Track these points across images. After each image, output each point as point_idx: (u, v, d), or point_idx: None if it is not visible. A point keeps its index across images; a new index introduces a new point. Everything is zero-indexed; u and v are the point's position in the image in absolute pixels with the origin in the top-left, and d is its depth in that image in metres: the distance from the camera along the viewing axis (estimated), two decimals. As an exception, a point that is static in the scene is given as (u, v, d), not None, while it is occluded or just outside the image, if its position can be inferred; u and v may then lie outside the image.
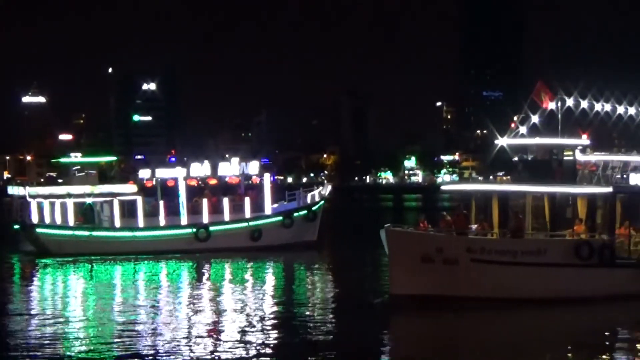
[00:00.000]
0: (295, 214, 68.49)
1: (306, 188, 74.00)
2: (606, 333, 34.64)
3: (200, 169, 68.33)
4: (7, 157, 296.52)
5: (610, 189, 40.86)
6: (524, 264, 38.90)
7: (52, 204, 66.01)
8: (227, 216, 67.17)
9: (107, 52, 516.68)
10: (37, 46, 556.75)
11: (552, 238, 40.17)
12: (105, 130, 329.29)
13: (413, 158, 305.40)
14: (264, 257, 61.21)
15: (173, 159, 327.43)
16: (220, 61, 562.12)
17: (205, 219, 66.47)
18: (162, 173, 68.34)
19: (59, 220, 65.94)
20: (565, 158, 41.39)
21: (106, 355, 30.45)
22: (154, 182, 67.35)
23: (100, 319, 37.96)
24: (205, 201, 66.67)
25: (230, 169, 69.26)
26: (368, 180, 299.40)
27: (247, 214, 67.31)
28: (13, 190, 72.93)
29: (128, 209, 66.30)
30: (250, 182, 71.74)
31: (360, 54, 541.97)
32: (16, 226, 69.54)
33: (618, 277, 40.25)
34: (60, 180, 78.24)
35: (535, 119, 41.70)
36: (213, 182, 68.64)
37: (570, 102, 42.27)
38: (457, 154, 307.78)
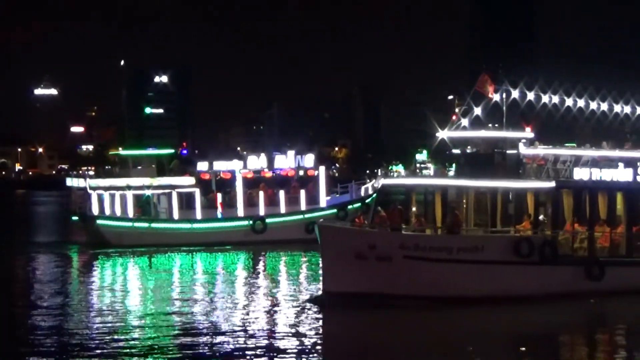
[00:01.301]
0: (350, 207, 68.44)
1: (358, 181, 74.83)
2: (545, 333, 33.76)
3: (256, 161, 69.49)
4: (19, 149, 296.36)
5: (553, 184, 39.53)
6: (461, 261, 37.72)
7: (112, 196, 66.80)
8: (282, 208, 68.00)
9: (120, 44, 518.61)
10: (48, 38, 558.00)
11: (489, 234, 38.93)
12: (117, 123, 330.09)
13: (425, 152, 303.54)
14: (318, 249, 61.30)
15: (184, 152, 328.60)
16: (232, 54, 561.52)
17: (262, 211, 67.30)
18: (219, 166, 69.07)
19: (118, 212, 66.69)
20: (508, 152, 40.07)
21: (165, 346, 30.80)
22: (210, 175, 68.16)
23: (158, 310, 38.16)
24: (261, 194, 67.55)
25: (286, 161, 70.02)
26: (380, 173, 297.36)
27: (303, 206, 67.85)
28: (72, 182, 73.81)
29: (186, 201, 67.18)
30: (305, 174, 71.27)
31: (373, 47, 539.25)
32: (74, 218, 70.53)
33: (561, 275, 38.95)
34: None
35: (478, 111, 40.38)
36: (268, 174, 69.47)
37: (515, 93, 40.91)
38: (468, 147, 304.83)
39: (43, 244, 68.88)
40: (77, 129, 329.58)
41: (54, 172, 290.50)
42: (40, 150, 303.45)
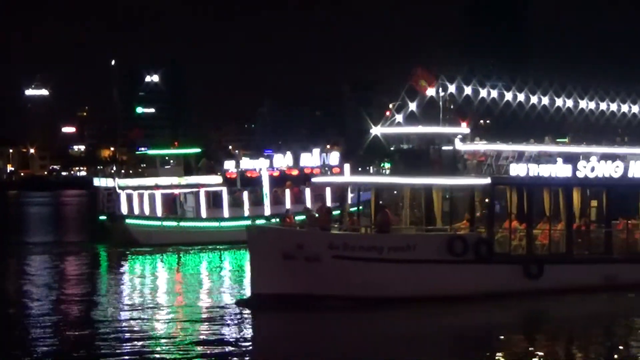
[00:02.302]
0: None
1: None
2: (480, 333, 33.02)
3: (282, 160, 70.66)
4: (10, 150, 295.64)
5: (488, 181, 38.48)
6: (392, 260, 36.66)
7: (141, 196, 66.84)
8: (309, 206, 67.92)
9: (111, 44, 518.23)
10: (40, 39, 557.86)
11: (421, 233, 37.92)
12: (109, 123, 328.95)
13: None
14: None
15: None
16: (222, 52, 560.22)
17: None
18: (246, 164, 69.79)
19: (147, 211, 66.63)
20: (444, 148, 39.04)
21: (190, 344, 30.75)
22: (237, 174, 68.94)
23: (187, 308, 38.37)
24: (287, 192, 67.40)
25: (311, 159, 70.41)
26: (371, 171, 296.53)
27: (328, 203, 67.55)
28: (99, 182, 73.75)
29: (213, 200, 67.59)
30: (330, 172, 71.16)
31: (363, 43, 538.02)
32: (102, 217, 70.60)
33: (498, 274, 37.93)
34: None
35: (413, 106, 39.31)
36: (294, 172, 69.93)
37: (452, 88, 39.84)
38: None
39: (71, 244, 69.35)
40: (68, 129, 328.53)
41: (45, 172, 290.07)
42: (32, 151, 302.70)
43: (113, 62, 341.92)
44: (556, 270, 38.56)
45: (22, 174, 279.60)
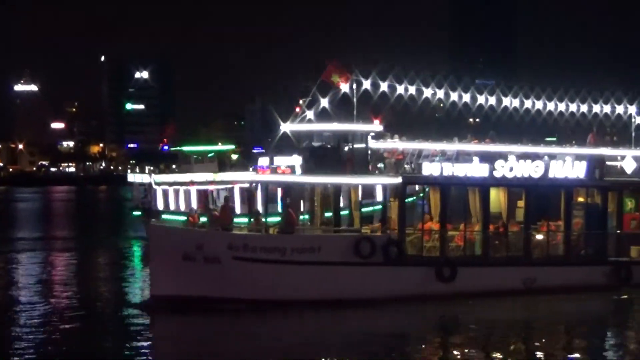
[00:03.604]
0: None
1: None
2: (382, 339, 31.44)
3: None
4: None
5: (399, 180, 37.01)
6: (296, 262, 35.21)
7: (176, 191, 66.02)
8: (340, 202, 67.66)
9: (100, 40, 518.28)
10: (28, 34, 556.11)
11: (327, 234, 36.48)
12: (98, 119, 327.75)
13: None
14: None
15: (166, 147, 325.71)
16: (212, 48, 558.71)
17: None
18: (279, 161, 67.51)
19: (182, 207, 65.36)
20: (356, 146, 37.57)
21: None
22: (270, 170, 68.43)
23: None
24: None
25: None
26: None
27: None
28: (134, 177, 72.93)
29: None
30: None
31: (353, 34, 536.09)
32: (136, 213, 69.90)
33: (409, 276, 36.48)
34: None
35: (325, 102, 37.81)
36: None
37: (367, 84, 38.32)
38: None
39: (104, 239, 69.19)
40: (57, 125, 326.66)
41: (34, 168, 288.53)
42: (21, 146, 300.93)
43: (102, 58, 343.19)
44: (471, 273, 37.12)
45: (10, 169, 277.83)
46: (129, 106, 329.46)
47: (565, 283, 38.37)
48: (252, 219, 37.79)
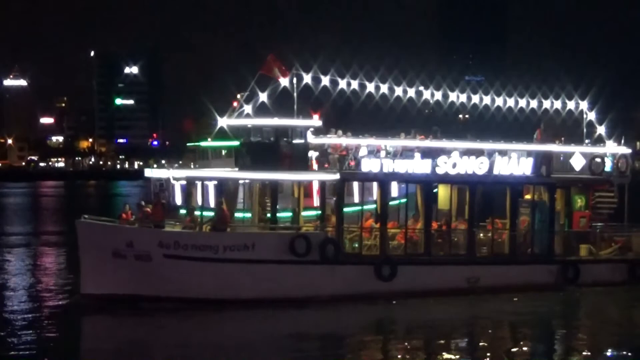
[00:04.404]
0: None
1: None
2: (317, 339, 30.75)
3: None
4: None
5: (337, 176, 36.01)
6: (228, 260, 34.23)
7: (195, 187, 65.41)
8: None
9: (89, 35, 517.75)
10: (18, 29, 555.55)
11: (260, 231, 35.48)
12: (87, 114, 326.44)
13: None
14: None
15: (155, 143, 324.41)
16: (201, 43, 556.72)
17: None
18: None
19: (199, 202, 65.00)
20: (295, 141, 36.55)
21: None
22: None
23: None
24: None
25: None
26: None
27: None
28: (151, 172, 73.50)
29: None
30: None
31: (340, 30, 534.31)
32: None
33: (347, 275, 35.50)
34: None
35: (264, 97, 36.85)
36: None
37: (308, 78, 37.35)
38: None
39: None
40: (46, 120, 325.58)
41: (23, 163, 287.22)
42: (10, 141, 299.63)
43: (92, 54, 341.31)
44: (412, 272, 36.16)
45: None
46: (118, 101, 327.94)
47: (510, 282, 37.44)
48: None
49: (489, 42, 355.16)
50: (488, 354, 28.51)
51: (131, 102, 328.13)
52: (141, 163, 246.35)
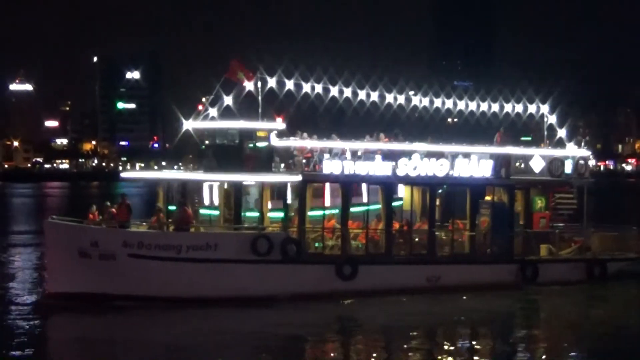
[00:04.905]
0: None
1: None
2: (287, 335, 30.04)
3: None
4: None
5: (299, 177, 35.37)
6: (191, 260, 33.61)
7: (211, 187, 64.90)
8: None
9: (93, 42, 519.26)
10: (24, 35, 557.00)
11: (222, 232, 34.86)
12: (91, 117, 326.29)
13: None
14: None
15: (156, 145, 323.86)
16: (201, 48, 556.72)
17: None
18: None
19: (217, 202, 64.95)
20: (259, 144, 35.92)
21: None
22: None
23: None
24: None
25: None
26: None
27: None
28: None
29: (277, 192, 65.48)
30: None
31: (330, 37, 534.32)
32: (172, 207, 69.18)
33: (308, 274, 34.84)
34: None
35: (229, 100, 36.17)
36: None
37: (272, 82, 36.66)
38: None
39: None
40: (51, 123, 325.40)
41: (29, 165, 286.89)
42: (16, 143, 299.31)
43: (95, 59, 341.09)
44: (373, 271, 35.51)
45: (6, 166, 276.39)
46: (120, 105, 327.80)
47: (470, 281, 36.79)
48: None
49: (476, 48, 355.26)
50: (447, 353, 27.86)
51: (132, 106, 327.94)
52: (142, 165, 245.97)
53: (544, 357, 27.68)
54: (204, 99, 36.08)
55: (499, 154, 38.51)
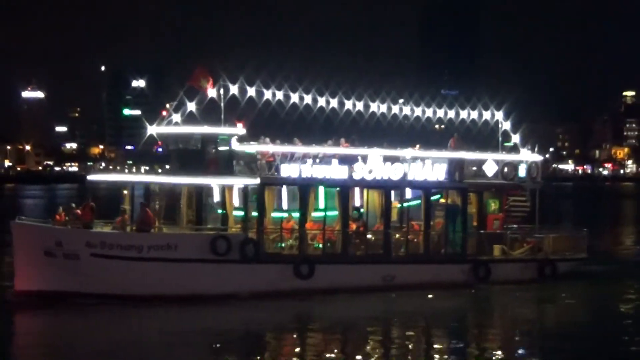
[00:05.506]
0: None
1: None
2: (246, 332, 29.48)
3: None
4: (8, 147, 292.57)
5: (257, 180, 34.78)
6: (152, 259, 33.04)
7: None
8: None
9: (100, 51, 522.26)
10: (35, 46, 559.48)
11: (182, 232, 34.26)
12: (98, 123, 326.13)
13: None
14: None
15: (160, 150, 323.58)
16: (204, 55, 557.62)
17: None
18: None
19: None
20: (221, 148, 35.33)
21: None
22: None
23: None
24: None
25: None
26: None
27: None
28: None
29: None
30: None
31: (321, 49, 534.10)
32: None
33: (266, 273, 34.25)
34: None
35: (192, 106, 35.60)
36: None
37: (234, 89, 36.09)
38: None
39: None
40: (61, 129, 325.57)
41: (40, 167, 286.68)
42: (28, 148, 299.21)
43: (103, 68, 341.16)
44: (329, 271, 34.92)
45: (18, 168, 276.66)
46: (126, 112, 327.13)
47: (424, 280, 36.17)
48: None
49: (462, 58, 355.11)
50: (402, 349, 27.34)
51: (138, 112, 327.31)
52: (147, 168, 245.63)
53: (494, 353, 27.15)
54: (167, 105, 35.48)
55: (453, 158, 37.90)
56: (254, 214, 34.89)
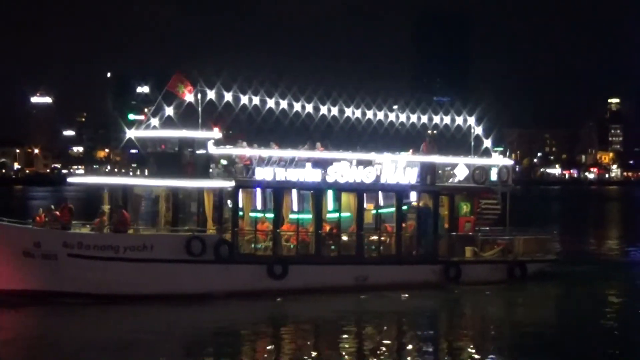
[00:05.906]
0: None
1: None
2: (219, 331, 28.98)
3: None
4: (17, 150, 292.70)
5: (232, 183, 34.35)
6: (128, 259, 32.58)
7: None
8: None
9: (107, 58, 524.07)
10: (44, 53, 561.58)
11: (158, 233, 33.82)
12: (104, 127, 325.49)
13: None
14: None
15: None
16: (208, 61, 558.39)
17: None
18: None
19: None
20: (197, 151, 34.88)
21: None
22: None
23: None
24: None
25: None
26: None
27: None
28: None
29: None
30: None
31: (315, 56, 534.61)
32: None
33: (240, 273, 33.79)
34: None
35: (170, 110, 35.17)
36: None
37: (212, 94, 35.66)
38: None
39: None
40: (68, 133, 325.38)
41: (48, 170, 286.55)
42: (36, 151, 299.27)
43: (108, 74, 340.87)
44: (302, 271, 34.48)
45: (27, 171, 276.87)
46: (131, 116, 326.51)
47: (396, 281, 35.73)
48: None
49: (454, 66, 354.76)
50: (373, 348, 26.79)
51: (142, 117, 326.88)
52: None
53: (465, 351, 26.70)
54: (146, 110, 35.02)
55: (424, 162, 37.45)
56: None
